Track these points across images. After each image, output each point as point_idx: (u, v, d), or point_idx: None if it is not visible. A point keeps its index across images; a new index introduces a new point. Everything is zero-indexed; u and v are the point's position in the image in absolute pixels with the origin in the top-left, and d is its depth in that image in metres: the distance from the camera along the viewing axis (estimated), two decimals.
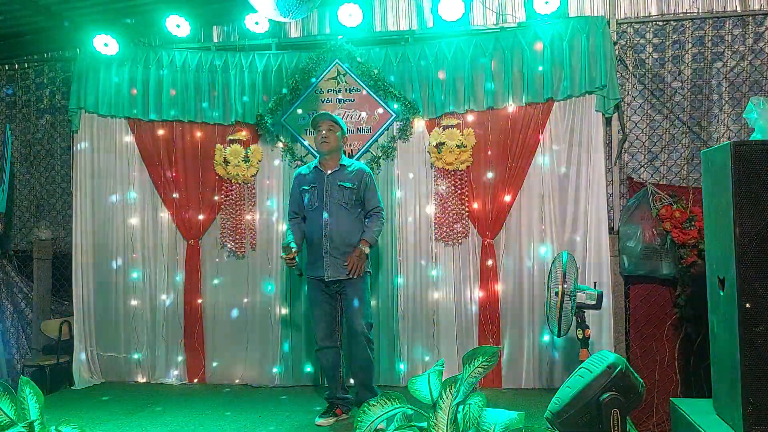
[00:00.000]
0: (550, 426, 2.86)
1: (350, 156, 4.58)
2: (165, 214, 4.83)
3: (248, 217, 4.71)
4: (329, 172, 3.76)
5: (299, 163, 4.59)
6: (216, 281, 4.78)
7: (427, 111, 4.52)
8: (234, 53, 4.76)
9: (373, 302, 4.52)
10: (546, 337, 4.33)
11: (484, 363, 2.41)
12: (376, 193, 3.83)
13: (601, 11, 4.47)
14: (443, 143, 4.39)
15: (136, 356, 4.81)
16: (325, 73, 4.64)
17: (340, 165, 3.79)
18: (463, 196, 4.44)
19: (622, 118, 4.46)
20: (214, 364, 4.74)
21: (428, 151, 4.50)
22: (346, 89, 4.63)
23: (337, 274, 3.67)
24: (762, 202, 2.68)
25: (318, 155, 3.90)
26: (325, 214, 3.68)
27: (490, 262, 4.39)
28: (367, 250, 3.69)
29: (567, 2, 4.49)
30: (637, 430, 3.96)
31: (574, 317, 3.39)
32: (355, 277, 3.65)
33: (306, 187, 3.79)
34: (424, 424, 2.37)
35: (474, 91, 4.43)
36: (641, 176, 4.51)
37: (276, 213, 4.69)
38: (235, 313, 4.73)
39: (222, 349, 4.74)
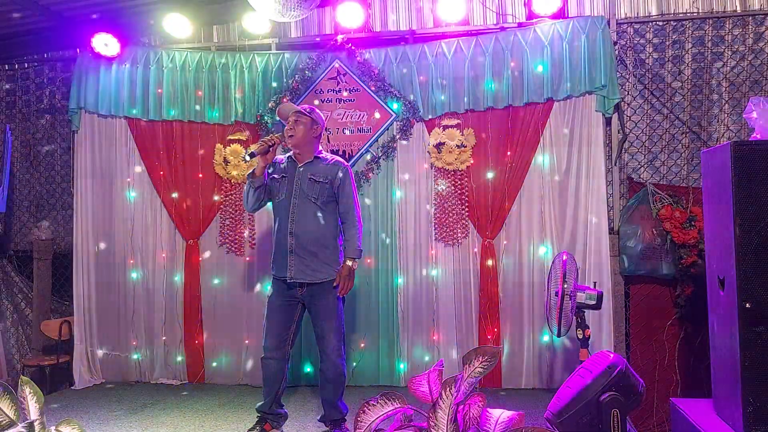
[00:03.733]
0: (550, 426, 2.86)
1: (350, 156, 4.58)
2: (165, 214, 4.83)
3: (247, 217, 4.71)
4: (301, 163, 3.46)
5: None
6: (215, 281, 4.77)
7: (427, 111, 4.52)
8: (234, 53, 4.76)
9: (372, 299, 4.55)
10: (546, 337, 4.33)
11: (484, 363, 2.41)
12: (353, 194, 3.47)
13: (601, 11, 4.47)
14: (443, 143, 4.39)
15: (136, 356, 4.80)
16: (325, 73, 4.64)
17: (315, 157, 3.48)
18: (463, 196, 4.44)
19: (622, 118, 4.46)
20: (214, 364, 4.74)
21: (428, 151, 4.50)
22: (346, 89, 4.63)
23: (302, 276, 3.36)
24: (762, 202, 2.68)
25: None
26: (292, 209, 3.38)
27: (490, 262, 4.39)
28: (355, 266, 3.43)
29: (567, 2, 4.49)
30: (637, 430, 3.96)
31: (574, 317, 3.39)
32: (341, 295, 3.40)
33: (276, 176, 3.49)
34: (424, 424, 2.37)
35: (474, 91, 4.43)
36: (641, 176, 4.51)
37: None
38: (234, 313, 4.73)
39: (222, 349, 4.74)
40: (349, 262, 3.39)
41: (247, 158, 3.36)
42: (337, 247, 3.46)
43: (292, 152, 3.52)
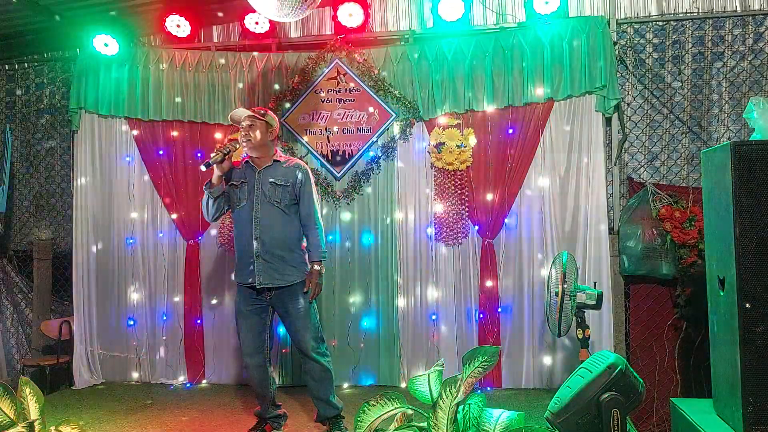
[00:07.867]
0: (550, 426, 2.85)
1: (350, 156, 4.58)
2: (165, 214, 4.82)
3: None
4: (260, 168, 3.40)
5: None
6: (215, 281, 4.77)
7: (427, 111, 4.51)
8: (234, 53, 4.76)
9: (372, 300, 4.55)
10: (546, 337, 4.33)
11: (484, 363, 2.41)
12: (312, 196, 3.41)
13: (601, 11, 4.48)
14: (443, 143, 4.39)
15: (135, 356, 4.80)
16: (325, 73, 4.64)
17: (274, 161, 3.42)
18: (463, 196, 4.44)
19: (622, 118, 4.46)
20: (214, 364, 4.74)
21: (428, 151, 4.50)
22: (346, 89, 4.62)
23: (270, 280, 3.31)
24: (762, 202, 2.68)
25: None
26: (255, 214, 3.33)
27: (490, 263, 4.39)
28: (323, 270, 3.41)
29: (567, 2, 4.49)
30: (637, 430, 3.96)
31: (574, 317, 3.39)
32: (311, 300, 3.37)
33: (235, 183, 3.42)
34: (424, 424, 2.37)
35: (474, 91, 4.43)
36: (641, 176, 4.52)
37: None
38: (234, 313, 4.71)
39: (222, 349, 4.74)
40: (317, 267, 3.38)
41: (203, 168, 3.35)
42: (303, 249, 3.43)
43: (249, 157, 3.47)
